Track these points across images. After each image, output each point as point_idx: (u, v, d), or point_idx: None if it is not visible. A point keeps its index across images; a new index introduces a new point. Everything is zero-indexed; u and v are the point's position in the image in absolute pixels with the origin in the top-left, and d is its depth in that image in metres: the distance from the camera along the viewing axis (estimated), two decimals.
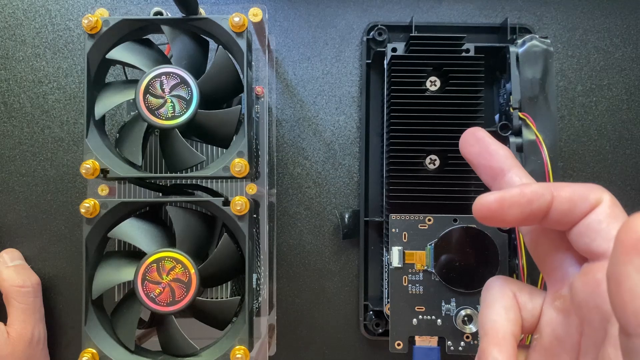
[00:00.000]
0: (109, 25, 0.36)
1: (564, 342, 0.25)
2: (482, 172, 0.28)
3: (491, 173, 0.28)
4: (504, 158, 0.27)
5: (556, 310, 0.25)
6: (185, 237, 0.36)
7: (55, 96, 0.48)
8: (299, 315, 0.47)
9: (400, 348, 0.40)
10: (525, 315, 0.26)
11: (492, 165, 0.27)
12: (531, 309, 0.26)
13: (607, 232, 0.23)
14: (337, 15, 0.48)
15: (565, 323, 0.25)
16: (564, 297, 0.25)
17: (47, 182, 0.47)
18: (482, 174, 0.28)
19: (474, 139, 0.28)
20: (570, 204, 0.24)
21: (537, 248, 0.27)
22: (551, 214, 0.24)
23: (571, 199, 0.24)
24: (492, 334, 0.25)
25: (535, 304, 0.26)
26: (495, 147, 0.28)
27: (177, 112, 0.35)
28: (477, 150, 0.28)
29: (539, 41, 0.41)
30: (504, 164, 0.27)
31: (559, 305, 0.25)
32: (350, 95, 0.48)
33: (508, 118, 0.41)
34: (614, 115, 0.48)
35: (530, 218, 0.24)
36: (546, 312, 0.26)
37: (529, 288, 0.27)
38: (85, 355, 0.34)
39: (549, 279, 0.27)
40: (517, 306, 0.26)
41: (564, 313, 0.25)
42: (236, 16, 0.35)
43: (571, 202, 0.24)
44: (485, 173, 0.28)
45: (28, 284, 0.43)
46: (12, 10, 0.48)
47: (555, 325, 0.25)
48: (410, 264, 0.40)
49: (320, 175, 0.48)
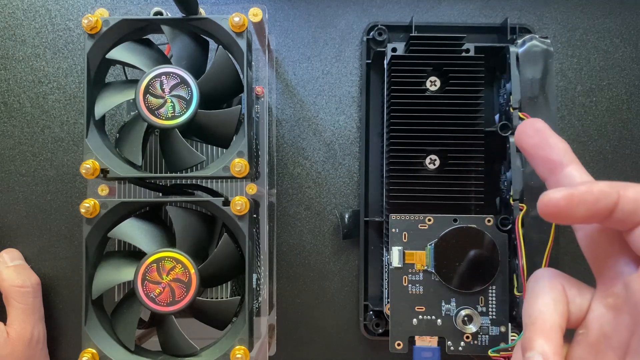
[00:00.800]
0: (109, 25, 0.36)
1: (611, 340, 0.24)
2: (539, 164, 0.28)
3: (549, 166, 0.27)
4: (564, 152, 0.27)
5: (606, 307, 0.25)
6: (185, 237, 0.36)
7: (55, 96, 0.48)
8: (299, 315, 0.47)
9: (400, 348, 0.40)
10: (572, 309, 0.26)
11: (552, 158, 0.27)
12: (579, 304, 0.26)
13: None
14: (337, 15, 0.48)
15: (615, 321, 0.25)
16: (617, 294, 0.25)
17: (47, 182, 0.47)
18: (539, 165, 0.28)
19: (533, 130, 0.28)
20: (635, 205, 0.23)
21: (591, 245, 0.26)
22: (616, 214, 0.24)
23: (637, 199, 0.23)
24: (540, 324, 0.25)
25: (584, 299, 0.26)
26: (555, 140, 0.27)
27: (177, 112, 0.35)
28: (535, 141, 0.28)
29: (539, 41, 0.41)
30: (563, 157, 0.27)
31: (610, 302, 0.25)
32: (350, 95, 0.48)
33: (508, 118, 0.41)
34: (614, 115, 0.48)
35: (595, 216, 0.24)
36: (595, 308, 0.26)
37: (578, 283, 0.27)
38: (85, 355, 0.34)
39: (601, 276, 0.26)
40: (566, 299, 0.26)
41: (614, 311, 0.25)
42: (236, 16, 0.35)
43: (637, 203, 0.23)
44: (542, 165, 0.27)
45: (28, 284, 0.43)
46: (12, 10, 0.48)
47: (603, 322, 0.25)
48: (410, 264, 0.40)
49: (320, 175, 0.48)
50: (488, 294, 0.40)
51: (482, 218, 0.40)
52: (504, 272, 0.39)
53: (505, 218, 0.40)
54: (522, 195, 0.39)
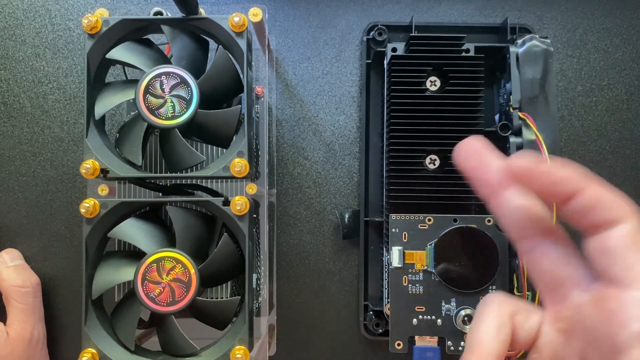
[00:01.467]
0: (109, 25, 0.36)
1: None
2: (479, 186, 0.26)
3: (489, 189, 0.26)
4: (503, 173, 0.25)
5: (557, 332, 0.25)
6: (185, 237, 0.36)
7: (55, 96, 0.48)
8: (299, 315, 0.47)
9: (400, 348, 0.40)
10: (521, 333, 0.26)
11: (491, 180, 0.25)
12: (528, 328, 0.26)
13: (628, 258, 0.23)
14: (337, 15, 0.48)
15: (567, 345, 0.25)
16: (567, 318, 0.25)
17: (47, 182, 0.47)
18: (479, 187, 0.26)
19: (472, 150, 0.26)
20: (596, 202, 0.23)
21: (537, 265, 0.26)
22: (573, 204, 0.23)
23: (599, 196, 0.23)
24: (478, 350, 0.25)
25: (532, 323, 0.26)
26: (493, 161, 0.26)
27: (177, 112, 0.35)
28: (474, 163, 0.26)
29: (539, 41, 0.41)
30: (502, 180, 0.25)
31: (561, 327, 0.25)
32: (350, 95, 0.48)
33: (508, 118, 0.41)
34: (614, 115, 0.48)
35: (551, 197, 0.24)
36: (546, 333, 0.26)
37: (527, 307, 0.27)
38: (85, 355, 0.34)
39: (548, 298, 0.26)
40: (510, 326, 0.26)
41: (566, 335, 0.25)
42: (236, 16, 0.35)
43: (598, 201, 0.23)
44: (482, 188, 0.26)
45: (28, 284, 0.43)
46: (12, 10, 0.48)
47: (555, 346, 0.25)
48: (410, 264, 0.40)
49: (320, 175, 0.48)
50: (488, 294, 0.40)
51: (482, 218, 0.40)
52: (504, 272, 0.39)
53: None
54: None
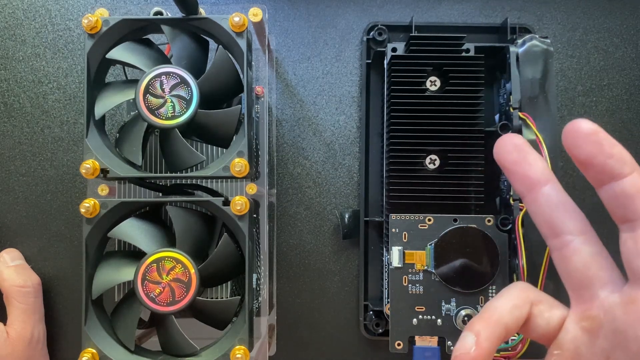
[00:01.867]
0: (109, 25, 0.36)
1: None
2: (517, 180, 0.27)
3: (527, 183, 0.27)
4: (542, 169, 0.27)
5: (582, 330, 0.25)
6: (185, 237, 0.36)
7: (55, 96, 0.48)
8: (299, 315, 0.47)
9: (400, 348, 0.40)
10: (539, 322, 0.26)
11: (530, 175, 0.27)
12: (547, 318, 0.26)
13: None
14: (337, 15, 0.48)
15: (592, 344, 0.25)
16: (593, 318, 0.25)
17: (47, 182, 0.47)
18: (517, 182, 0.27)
19: (512, 145, 0.27)
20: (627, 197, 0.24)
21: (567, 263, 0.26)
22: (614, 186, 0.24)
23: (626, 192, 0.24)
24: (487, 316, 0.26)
25: (553, 316, 0.26)
26: (534, 157, 0.27)
27: (177, 112, 0.35)
28: (514, 158, 0.27)
29: (539, 41, 0.41)
30: (541, 175, 0.26)
31: (586, 326, 0.25)
32: (350, 95, 0.48)
33: (508, 118, 0.41)
34: (614, 115, 0.48)
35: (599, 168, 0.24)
36: (570, 330, 0.26)
37: (551, 301, 0.27)
38: (85, 355, 0.34)
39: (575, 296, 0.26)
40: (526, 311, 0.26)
41: (591, 334, 0.25)
42: (236, 16, 0.35)
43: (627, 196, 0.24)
44: (520, 182, 0.27)
45: (29, 284, 0.43)
46: (12, 10, 0.48)
47: (579, 344, 0.25)
48: (410, 264, 0.40)
49: (320, 175, 0.48)
50: (488, 294, 0.40)
51: (482, 218, 0.40)
52: (504, 272, 0.39)
53: (506, 218, 0.40)
54: None
